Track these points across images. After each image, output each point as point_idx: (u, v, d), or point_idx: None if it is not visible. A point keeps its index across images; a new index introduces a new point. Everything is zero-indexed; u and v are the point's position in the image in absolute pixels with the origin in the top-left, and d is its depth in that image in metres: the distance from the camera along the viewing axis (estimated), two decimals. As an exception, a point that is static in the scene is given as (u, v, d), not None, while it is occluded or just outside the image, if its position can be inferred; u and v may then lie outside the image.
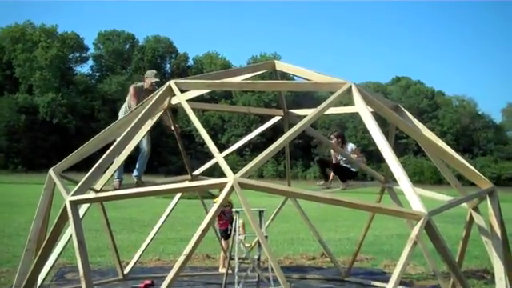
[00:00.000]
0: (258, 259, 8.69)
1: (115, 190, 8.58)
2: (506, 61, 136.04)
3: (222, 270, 9.93)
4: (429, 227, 5.26)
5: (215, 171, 11.71)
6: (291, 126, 9.14)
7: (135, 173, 9.29)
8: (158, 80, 9.53)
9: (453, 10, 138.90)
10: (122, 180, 9.07)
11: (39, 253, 6.25)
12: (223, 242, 10.36)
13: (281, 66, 8.34)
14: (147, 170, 9.74)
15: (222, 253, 10.61)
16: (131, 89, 9.41)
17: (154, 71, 9.85)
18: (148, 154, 9.43)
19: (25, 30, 77.39)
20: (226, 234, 10.19)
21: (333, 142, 10.26)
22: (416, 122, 7.83)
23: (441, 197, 8.16)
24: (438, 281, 8.81)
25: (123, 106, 9.55)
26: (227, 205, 9.63)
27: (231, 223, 9.47)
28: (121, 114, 9.43)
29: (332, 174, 10.41)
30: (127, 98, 9.48)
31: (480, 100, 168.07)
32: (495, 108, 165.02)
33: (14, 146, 67.05)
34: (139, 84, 9.49)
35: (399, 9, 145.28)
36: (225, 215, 10.08)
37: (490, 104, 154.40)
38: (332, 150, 10.57)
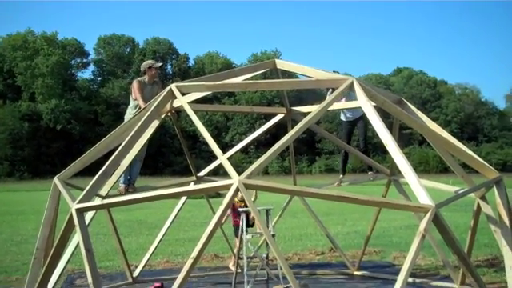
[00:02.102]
0: (267, 257, 8.68)
1: (121, 194, 8.58)
2: (507, 46, 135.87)
3: (232, 267, 9.88)
4: (437, 220, 5.23)
5: (220, 169, 11.67)
6: (294, 122, 9.11)
7: (126, 180, 9.03)
8: (160, 64, 9.59)
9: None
10: (131, 183, 9.05)
11: (47, 261, 6.26)
12: (235, 238, 10.25)
13: (281, 64, 8.30)
14: (153, 171, 9.71)
15: (234, 249, 10.53)
16: (135, 83, 9.23)
17: (150, 60, 9.85)
18: (142, 160, 9.36)
19: (26, 38, 77.40)
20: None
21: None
22: (420, 114, 7.79)
23: (447, 187, 8.13)
24: (448, 271, 8.83)
25: (128, 108, 9.43)
26: (243, 202, 9.55)
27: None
28: (127, 117, 9.22)
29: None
30: (131, 96, 9.33)
31: (483, 87, 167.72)
32: (498, 94, 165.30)
33: (18, 153, 67.24)
34: (141, 78, 9.38)
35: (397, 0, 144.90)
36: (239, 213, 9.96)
37: (493, 91, 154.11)
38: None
